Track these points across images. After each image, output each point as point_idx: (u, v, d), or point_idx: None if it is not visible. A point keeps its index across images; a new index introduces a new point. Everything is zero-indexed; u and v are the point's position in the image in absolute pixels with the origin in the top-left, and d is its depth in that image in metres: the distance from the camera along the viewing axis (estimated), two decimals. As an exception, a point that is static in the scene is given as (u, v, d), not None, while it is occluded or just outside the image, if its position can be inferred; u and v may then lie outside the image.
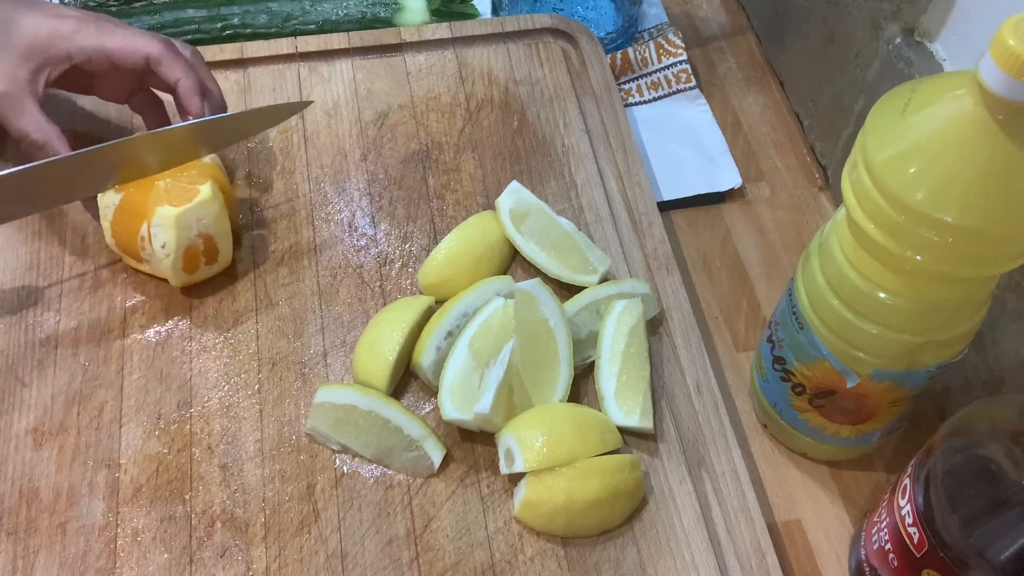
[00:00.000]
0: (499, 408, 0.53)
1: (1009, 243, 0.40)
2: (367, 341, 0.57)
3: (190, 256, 0.58)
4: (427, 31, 0.75)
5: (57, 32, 0.57)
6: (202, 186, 0.58)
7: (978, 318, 0.47)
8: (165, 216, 0.56)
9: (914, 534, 0.45)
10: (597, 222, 0.66)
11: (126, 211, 0.58)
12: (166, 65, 0.59)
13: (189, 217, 0.56)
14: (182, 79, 0.59)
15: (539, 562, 0.52)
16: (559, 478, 0.51)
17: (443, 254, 0.61)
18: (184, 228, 0.57)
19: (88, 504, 0.53)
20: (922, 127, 0.40)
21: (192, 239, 0.57)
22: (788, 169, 0.73)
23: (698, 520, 0.53)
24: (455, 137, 0.70)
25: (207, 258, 0.59)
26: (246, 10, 0.76)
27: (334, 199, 0.66)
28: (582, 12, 0.80)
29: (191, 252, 0.58)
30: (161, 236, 0.56)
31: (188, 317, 0.60)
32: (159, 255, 0.57)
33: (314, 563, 0.51)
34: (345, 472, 0.55)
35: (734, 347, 0.64)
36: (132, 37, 0.58)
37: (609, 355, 0.57)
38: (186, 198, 0.57)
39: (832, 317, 0.48)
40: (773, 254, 0.68)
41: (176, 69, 0.59)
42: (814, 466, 0.58)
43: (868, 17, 0.64)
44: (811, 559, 0.55)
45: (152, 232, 0.57)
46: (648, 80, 0.77)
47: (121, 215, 0.58)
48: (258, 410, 0.57)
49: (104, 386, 0.57)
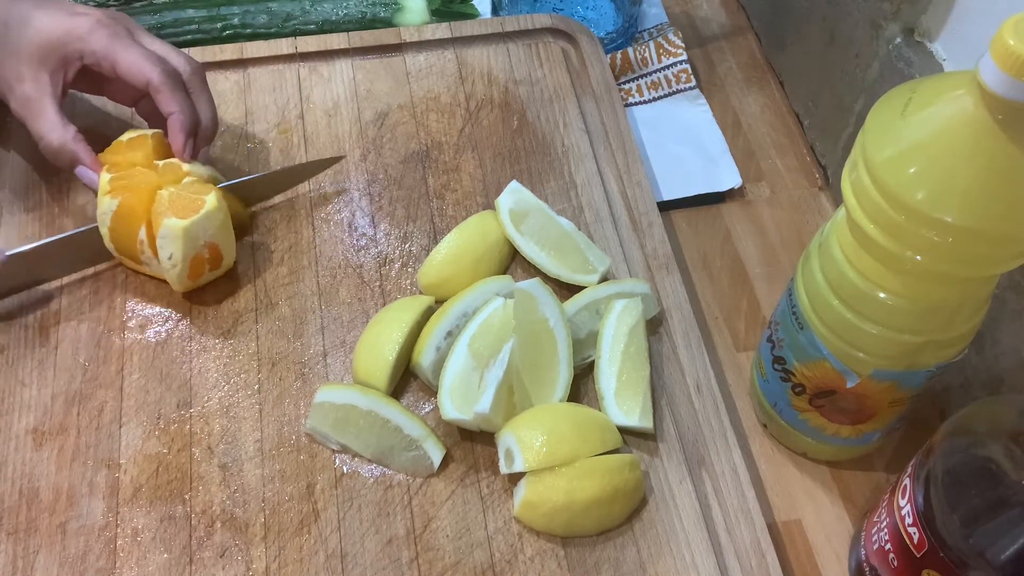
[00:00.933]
0: (499, 408, 0.53)
1: (1009, 243, 0.40)
2: (367, 341, 0.57)
3: (196, 264, 0.58)
4: (427, 31, 0.75)
5: (72, 31, 0.57)
6: (207, 196, 0.57)
7: (978, 318, 0.47)
8: (172, 228, 0.56)
9: (914, 534, 0.45)
10: (597, 222, 0.66)
11: (124, 216, 0.57)
12: (163, 96, 0.58)
13: (196, 229, 0.56)
14: (176, 113, 0.59)
15: (539, 562, 0.52)
16: (559, 478, 0.51)
17: (443, 254, 0.61)
18: (191, 240, 0.56)
19: (88, 504, 0.53)
20: (922, 127, 0.40)
21: (198, 249, 0.57)
22: (788, 169, 0.73)
23: (698, 520, 0.53)
24: (455, 137, 0.70)
25: (211, 265, 0.59)
26: (246, 10, 0.76)
27: (334, 199, 0.66)
28: (582, 12, 0.80)
29: (197, 260, 0.58)
30: (168, 248, 0.56)
31: (188, 317, 0.60)
32: (165, 265, 0.57)
33: (314, 563, 0.51)
34: (345, 472, 0.55)
35: (734, 347, 0.64)
36: (138, 59, 0.58)
37: (609, 355, 0.57)
38: (192, 208, 0.57)
39: (832, 317, 0.48)
40: (773, 254, 0.68)
41: (172, 103, 0.59)
42: (814, 466, 0.58)
43: (868, 17, 0.64)
44: (811, 559, 0.55)
45: (158, 244, 0.56)
46: (648, 80, 0.77)
47: (119, 221, 0.58)
48: (258, 410, 0.57)
49: (104, 386, 0.57)
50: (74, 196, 0.65)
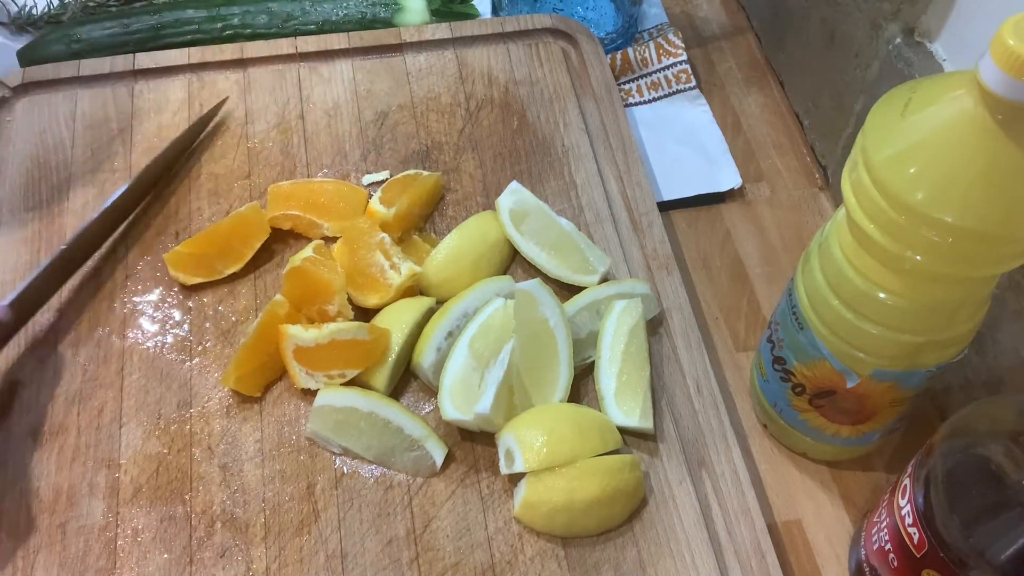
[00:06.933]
0: (499, 408, 0.53)
1: (1009, 243, 0.40)
2: (367, 341, 0.57)
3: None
4: (427, 31, 0.75)
5: None
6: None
7: (978, 318, 0.47)
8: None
9: (914, 534, 0.44)
10: (597, 222, 0.66)
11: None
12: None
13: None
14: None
15: (539, 562, 0.52)
16: (559, 478, 0.51)
17: (443, 254, 0.61)
18: None
19: (88, 504, 0.53)
20: (922, 127, 0.40)
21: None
22: (788, 169, 0.73)
23: (698, 520, 0.53)
24: (455, 137, 0.70)
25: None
26: (246, 10, 0.76)
27: (334, 199, 0.66)
28: (582, 12, 0.80)
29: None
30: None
31: (188, 317, 0.60)
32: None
33: (314, 563, 0.51)
34: (345, 472, 0.55)
35: (734, 347, 0.64)
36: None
37: (609, 355, 0.57)
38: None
39: (832, 317, 0.48)
40: (773, 254, 0.68)
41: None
42: (814, 466, 0.58)
43: (868, 17, 0.64)
44: (811, 559, 0.55)
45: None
46: (648, 80, 0.77)
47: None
48: (258, 410, 0.57)
49: (104, 386, 0.57)
50: (74, 196, 0.65)
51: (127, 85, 0.71)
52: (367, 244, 0.60)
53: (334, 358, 0.55)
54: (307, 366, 0.56)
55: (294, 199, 0.64)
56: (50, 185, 0.66)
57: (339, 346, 0.55)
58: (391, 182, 0.64)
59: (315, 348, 0.55)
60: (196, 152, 0.68)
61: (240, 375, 0.56)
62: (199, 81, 0.72)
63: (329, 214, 0.63)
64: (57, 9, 0.79)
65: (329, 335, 0.55)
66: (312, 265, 0.58)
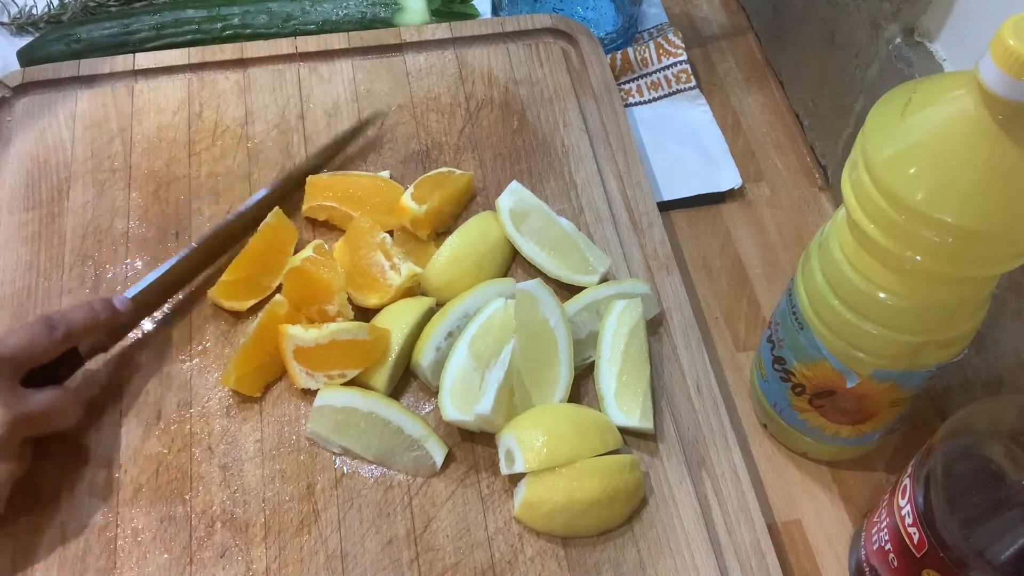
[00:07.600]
0: (500, 409, 0.53)
1: (1009, 243, 0.40)
2: (367, 341, 0.57)
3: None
4: (427, 31, 0.75)
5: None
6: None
7: (978, 318, 0.47)
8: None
9: (914, 534, 0.44)
10: (597, 222, 0.65)
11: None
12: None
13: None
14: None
15: (539, 562, 0.52)
16: (559, 478, 0.51)
17: (445, 256, 0.61)
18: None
19: (88, 504, 0.53)
20: (922, 127, 0.40)
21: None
22: (788, 169, 0.73)
23: (698, 520, 0.53)
24: (455, 137, 0.70)
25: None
26: (246, 10, 0.76)
27: (334, 199, 0.66)
28: (582, 12, 0.80)
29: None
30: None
31: (188, 317, 0.60)
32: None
33: (314, 563, 0.51)
34: (345, 472, 0.55)
35: (734, 347, 0.64)
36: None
37: (609, 355, 0.57)
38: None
39: (832, 317, 0.48)
40: (773, 254, 0.68)
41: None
42: (814, 466, 0.58)
43: (868, 17, 0.64)
44: (811, 559, 0.55)
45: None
46: (648, 80, 0.77)
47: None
48: (258, 410, 0.57)
49: (104, 386, 0.57)
50: (74, 196, 0.65)
51: (127, 85, 0.71)
52: (367, 244, 0.60)
53: (334, 358, 0.55)
54: (307, 366, 0.56)
55: (331, 190, 0.64)
56: (50, 185, 0.66)
57: (339, 346, 0.55)
58: (423, 179, 0.64)
59: (315, 348, 0.55)
60: (196, 152, 0.68)
61: (240, 375, 0.56)
62: (199, 81, 0.72)
63: (364, 207, 0.63)
64: (57, 9, 0.79)
65: (329, 335, 0.55)
66: (312, 265, 0.58)
